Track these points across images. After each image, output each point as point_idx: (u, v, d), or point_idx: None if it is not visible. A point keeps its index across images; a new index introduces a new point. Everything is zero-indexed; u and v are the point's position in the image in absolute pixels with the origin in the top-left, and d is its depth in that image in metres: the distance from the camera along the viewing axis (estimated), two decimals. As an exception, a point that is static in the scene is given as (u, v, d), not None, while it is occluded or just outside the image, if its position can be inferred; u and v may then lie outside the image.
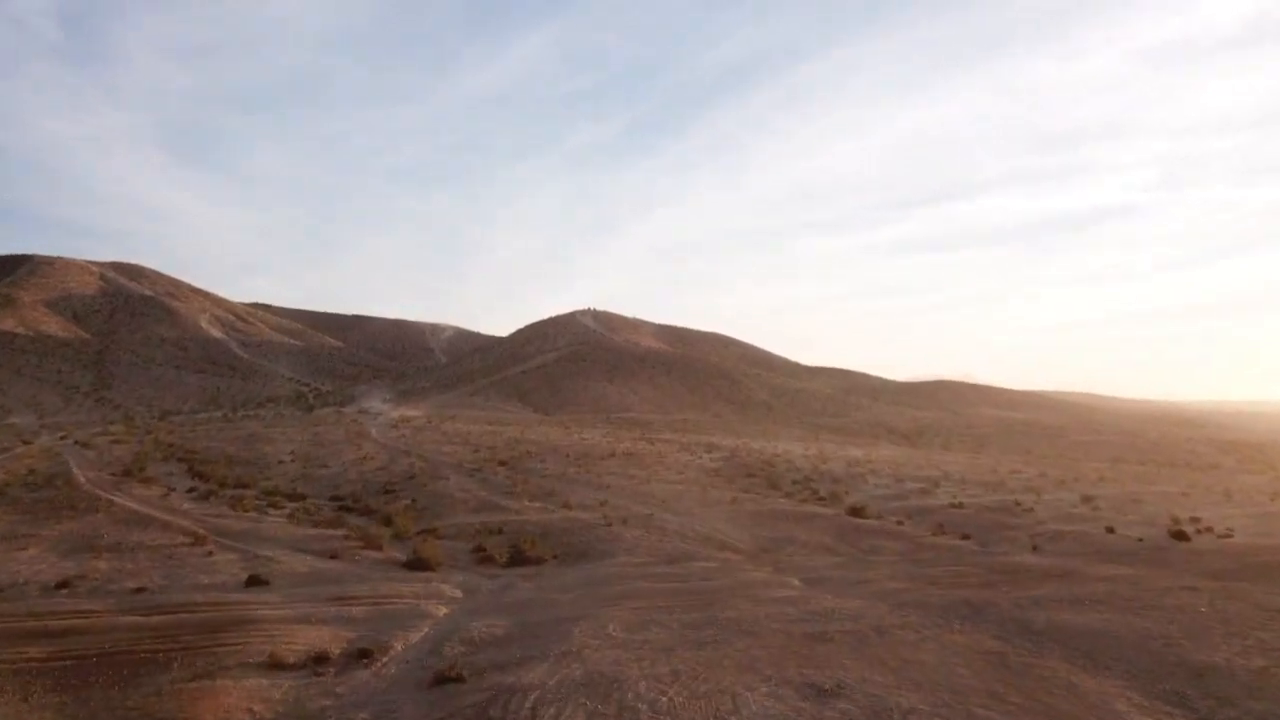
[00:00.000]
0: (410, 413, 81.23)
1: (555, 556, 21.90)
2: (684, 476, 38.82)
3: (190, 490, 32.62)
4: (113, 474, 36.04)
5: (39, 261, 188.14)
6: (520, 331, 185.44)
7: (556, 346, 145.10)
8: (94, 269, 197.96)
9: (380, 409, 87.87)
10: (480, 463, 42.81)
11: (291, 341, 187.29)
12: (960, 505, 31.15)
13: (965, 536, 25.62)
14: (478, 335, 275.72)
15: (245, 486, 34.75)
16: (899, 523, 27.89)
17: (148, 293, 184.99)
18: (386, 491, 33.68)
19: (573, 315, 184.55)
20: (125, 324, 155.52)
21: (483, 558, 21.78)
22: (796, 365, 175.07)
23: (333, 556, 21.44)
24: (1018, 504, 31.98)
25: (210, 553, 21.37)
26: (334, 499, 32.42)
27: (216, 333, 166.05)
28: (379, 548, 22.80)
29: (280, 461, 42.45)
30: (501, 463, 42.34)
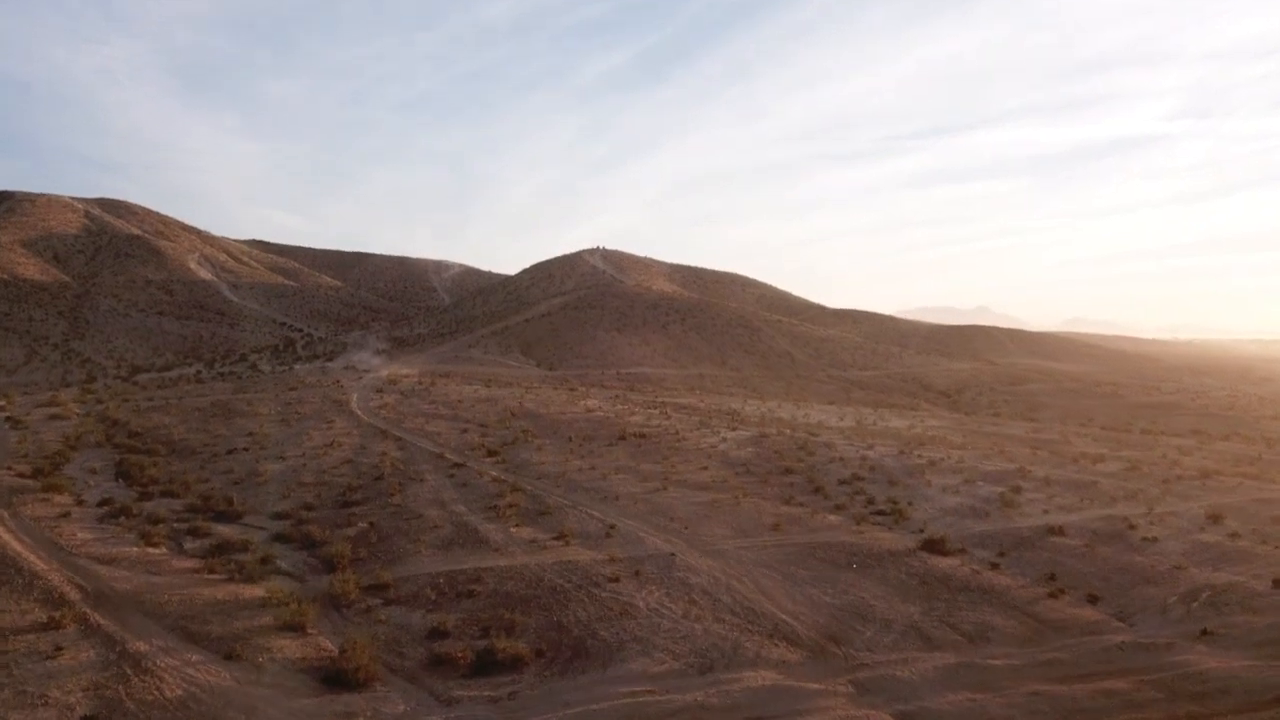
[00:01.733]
0: (401, 370, 75.33)
1: (540, 653, 15.93)
2: (708, 475, 32.80)
3: (103, 504, 26.85)
4: (20, 473, 30.37)
5: (19, 199, 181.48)
6: (525, 272, 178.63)
7: (563, 290, 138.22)
8: (78, 206, 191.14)
9: (370, 364, 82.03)
10: (467, 451, 36.91)
11: (286, 282, 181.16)
12: (1061, 531, 25.01)
13: (1093, 598, 19.52)
14: (484, 274, 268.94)
15: (174, 495, 28.98)
16: (994, 565, 21.82)
17: (134, 231, 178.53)
18: (344, 504, 27.81)
19: (580, 255, 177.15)
20: (108, 265, 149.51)
21: (439, 654, 15.83)
22: (819, 308, 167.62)
23: (229, 656, 15.56)
24: (1131, 527, 25.82)
25: (59, 648, 15.54)
26: (277, 516, 26.57)
27: (205, 274, 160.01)
28: (301, 628, 16.93)
29: (231, 450, 36.66)
30: (491, 453, 36.41)
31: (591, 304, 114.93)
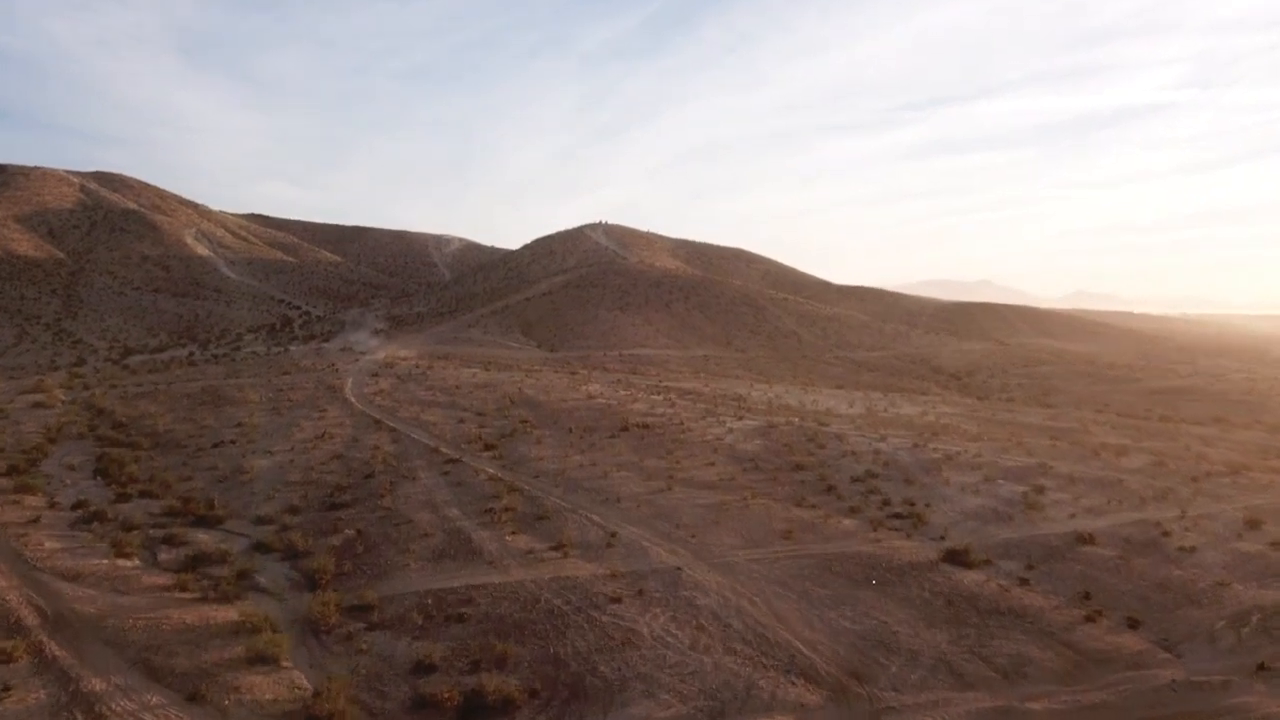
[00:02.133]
0: (399, 352, 73.90)
1: (534, 693, 14.56)
2: (715, 472, 31.38)
3: (77, 506, 25.52)
4: (-6, 472, 29.00)
5: (13, 172, 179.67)
6: (527, 248, 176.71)
7: (564, 268, 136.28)
8: (74, 180, 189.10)
9: (367, 345, 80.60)
10: (463, 444, 35.53)
11: (285, 258, 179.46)
12: (1091, 539, 23.60)
13: (1134, 622, 18.12)
14: (486, 248, 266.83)
15: (153, 495, 27.62)
16: (1023, 581, 20.41)
17: (130, 206, 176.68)
18: (332, 506, 26.43)
19: (582, 230, 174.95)
20: (104, 241, 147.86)
21: (424, 694, 14.46)
22: (825, 285, 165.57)
23: (193, 697, 14.22)
24: (1165, 534, 24.40)
25: (7, 688, 14.21)
26: (260, 520, 25.19)
27: (202, 250, 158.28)
28: (275, 660, 15.60)
29: (218, 444, 35.29)
30: (488, 446, 35.02)
31: (593, 282, 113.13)
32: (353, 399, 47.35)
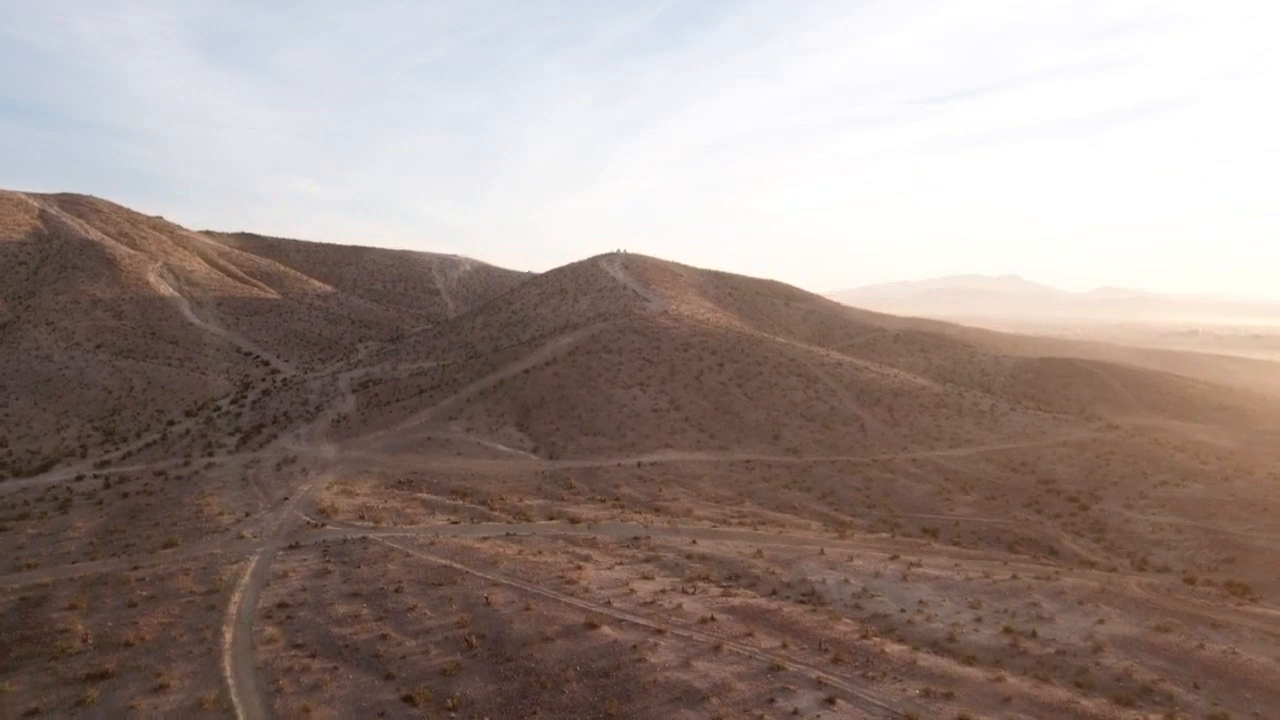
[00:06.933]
0: (352, 484, 58.85)
1: None
2: None
3: None
4: None
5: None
6: (535, 283, 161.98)
7: (574, 316, 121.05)
8: (34, 205, 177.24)
9: (317, 455, 65.79)
10: None
11: (264, 294, 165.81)
12: None
13: None
14: (495, 271, 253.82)
15: None
16: None
17: (92, 236, 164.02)
18: None
19: (597, 263, 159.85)
20: (51, 281, 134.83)
21: None
22: (880, 329, 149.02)
23: None
24: None
25: None
26: None
27: (166, 290, 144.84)
28: None
29: None
30: None
31: (607, 346, 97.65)
32: (227, 640, 32.31)
